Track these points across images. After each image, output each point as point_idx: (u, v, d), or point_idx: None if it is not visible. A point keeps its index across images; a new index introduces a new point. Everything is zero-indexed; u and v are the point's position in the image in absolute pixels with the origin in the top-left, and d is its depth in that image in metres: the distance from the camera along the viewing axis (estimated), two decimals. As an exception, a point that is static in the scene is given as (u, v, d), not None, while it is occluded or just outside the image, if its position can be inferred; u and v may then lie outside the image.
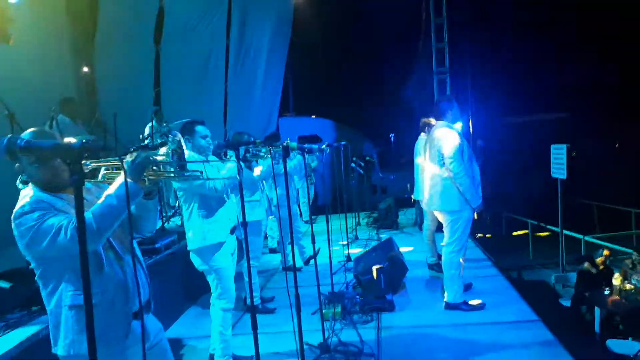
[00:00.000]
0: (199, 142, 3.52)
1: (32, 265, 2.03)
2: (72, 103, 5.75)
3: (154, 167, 2.04)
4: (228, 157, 3.53)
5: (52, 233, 1.87)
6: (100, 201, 1.93)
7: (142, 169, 1.98)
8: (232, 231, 3.66)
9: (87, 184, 2.16)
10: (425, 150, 4.92)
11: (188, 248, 3.59)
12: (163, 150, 2.00)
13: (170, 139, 2.05)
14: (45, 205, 1.95)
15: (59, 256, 1.94)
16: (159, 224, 6.20)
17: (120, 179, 1.95)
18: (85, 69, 8.39)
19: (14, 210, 1.96)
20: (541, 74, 19.15)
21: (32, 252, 1.96)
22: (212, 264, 3.52)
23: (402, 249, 6.14)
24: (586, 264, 7.15)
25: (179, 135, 2.09)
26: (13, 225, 1.94)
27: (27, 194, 2.01)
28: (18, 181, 2.13)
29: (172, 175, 2.14)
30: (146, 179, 2.03)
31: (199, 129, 3.56)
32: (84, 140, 1.32)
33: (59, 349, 2.06)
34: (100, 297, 2.02)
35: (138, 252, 2.29)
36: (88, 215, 1.87)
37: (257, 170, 4.39)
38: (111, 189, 1.95)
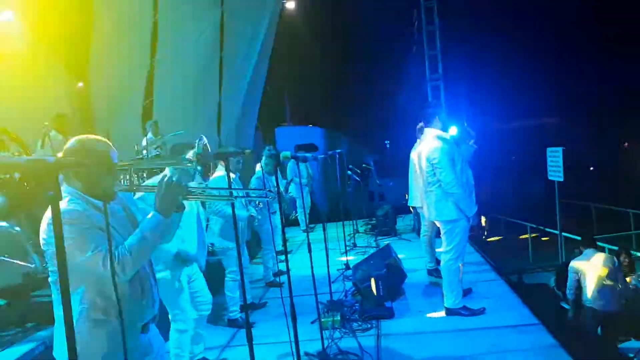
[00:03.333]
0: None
1: (51, 269, 1.99)
2: (64, 119, 5.74)
3: (185, 192, 2.03)
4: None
5: (88, 254, 1.87)
6: (135, 237, 1.95)
7: (173, 202, 1.99)
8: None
9: (120, 194, 2.16)
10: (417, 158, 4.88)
11: None
12: (190, 155, 2.00)
13: (196, 142, 2.04)
14: (85, 219, 1.92)
15: (85, 272, 1.92)
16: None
17: (153, 214, 1.98)
18: (80, 84, 8.42)
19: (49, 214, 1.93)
20: (535, 79, 19.28)
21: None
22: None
23: (401, 256, 6.11)
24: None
25: (205, 139, 2.07)
26: (46, 228, 1.91)
27: (63, 197, 1.93)
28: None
29: (203, 195, 2.13)
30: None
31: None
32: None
33: (61, 356, 2.02)
34: (115, 311, 1.99)
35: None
36: (124, 249, 1.91)
37: None
38: (146, 226, 1.97)
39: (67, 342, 1.24)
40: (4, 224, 3.77)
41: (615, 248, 7.80)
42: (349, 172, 8.58)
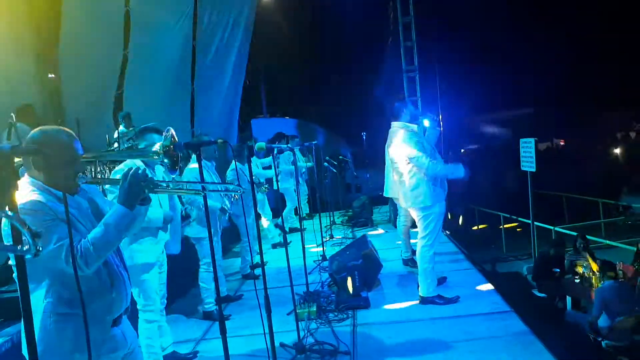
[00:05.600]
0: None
1: (13, 263, 1.93)
2: (30, 110, 5.56)
3: (151, 185, 1.97)
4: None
5: (50, 247, 1.81)
6: (98, 230, 1.90)
7: (137, 195, 1.94)
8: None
9: (86, 187, 2.10)
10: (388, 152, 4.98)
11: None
12: (157, 147, 1.95)
13: (163, 135, 1.99)
14: (48, 210, 1.85)
15: (48, 265, 1.87)
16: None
17: (117, 206, 1.93)
18: (51, 75, 8.17)
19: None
20: (509, 72, 19.56)
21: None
22: (139, 278, 3.39)
23: (377, 246, 6.14)
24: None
25: (172, 131, 2.01)
26: (5, 220, 1.82)
27: (24, 187, 1.89)
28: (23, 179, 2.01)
29: (169, 189, 2.07)
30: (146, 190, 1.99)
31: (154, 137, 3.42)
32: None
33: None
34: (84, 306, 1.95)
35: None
36: (87, 242, 1.86)
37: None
38: (109, 218, 1.92)
39: (26, 335, 1.21)
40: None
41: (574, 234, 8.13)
42: (326, 163, 8.58)
